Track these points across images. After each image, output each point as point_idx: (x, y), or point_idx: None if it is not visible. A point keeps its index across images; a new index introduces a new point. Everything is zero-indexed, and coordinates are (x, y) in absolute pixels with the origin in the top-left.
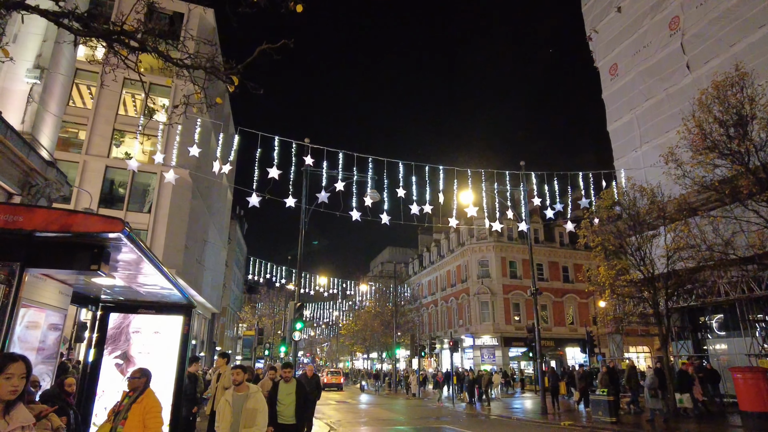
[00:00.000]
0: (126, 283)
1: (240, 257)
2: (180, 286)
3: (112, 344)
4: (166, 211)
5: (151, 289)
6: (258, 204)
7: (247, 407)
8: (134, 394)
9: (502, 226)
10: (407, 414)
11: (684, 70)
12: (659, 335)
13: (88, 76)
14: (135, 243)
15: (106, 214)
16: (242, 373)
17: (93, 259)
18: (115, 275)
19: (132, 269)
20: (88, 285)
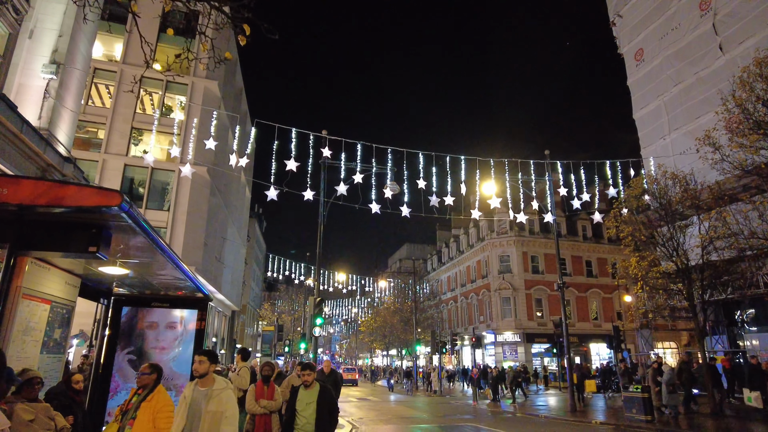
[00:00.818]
0: (135, 273)
1: (259, 255)
2: (193, 276)
3: (125, 339)
4: (185, 208)
5: (163, 279)
6: (276, 197)
7: (208, 409)
8: (144, 391)
9: (527, 218)
10: (430, 411)
11: (716, 51)
12: (695, 330)
13: (107, 75)
14: (136, 220)
15: (103, 186)
16: (206, 362)
17: (91, 240)
18: (120, 262)
19: (140, 255)
20: (98, 277)
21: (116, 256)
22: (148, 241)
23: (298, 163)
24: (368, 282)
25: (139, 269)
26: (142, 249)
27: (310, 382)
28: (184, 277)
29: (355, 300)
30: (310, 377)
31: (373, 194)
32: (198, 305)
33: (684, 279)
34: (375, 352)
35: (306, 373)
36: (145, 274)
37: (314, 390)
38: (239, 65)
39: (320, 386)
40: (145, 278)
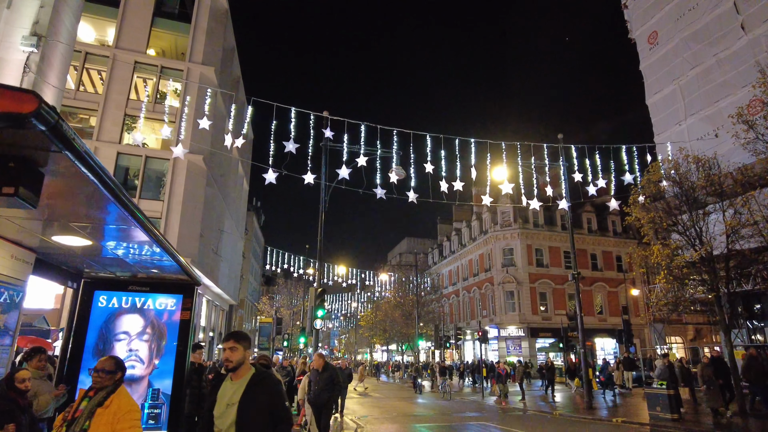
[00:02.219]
0: (98, 245)
1: (257, 249)
2: (172, 250)
3: (99, 328)
4: (180, 198)
5: (142, 257)
6: (274, 180)
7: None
8: (99, 393)
9: (539, 205)
10: (437, 408)
11: (737, 31)
12: (720, 323)
13: (99, 61)
14: (68, 142)
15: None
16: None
17: (8, 177)
18: (76, 227)
19: (96, 214)
20: (59, 251)
21: (68, 219)
22: (96, 185)
23: (297, 144)
24: (368, 276)
25: (103, 238)
26: (95, 202)
27: (234, 364)
28: (162, 253)
29: (355, 294)
30: (235, 354)
31: (377, 179)
32: (183, 290)
33: (710, 268)
34: (375, 347)
35: (229, 345)
36: (115, 249)
37: (241, 382)
38: (236, 53)
39: (254, 375)
40: (118, 257)
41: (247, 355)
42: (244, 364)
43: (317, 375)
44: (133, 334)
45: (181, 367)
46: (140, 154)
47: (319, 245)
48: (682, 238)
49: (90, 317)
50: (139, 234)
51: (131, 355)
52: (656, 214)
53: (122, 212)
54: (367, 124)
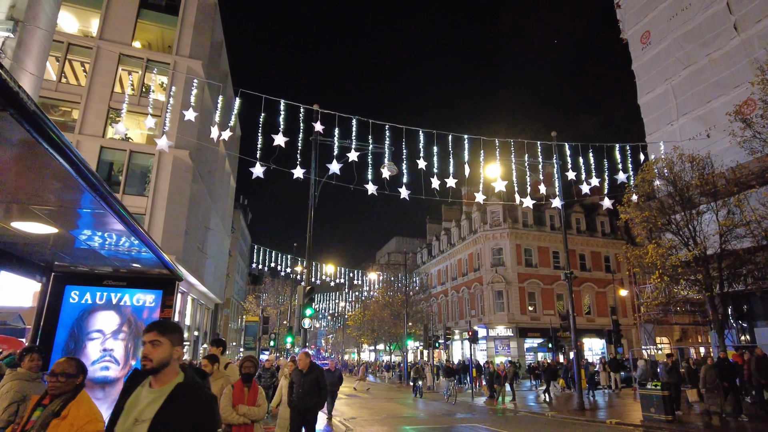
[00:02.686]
0: (63, 230)
1: (244, 247)
2: (153, 245)
3: (70, 326)
4: (165, 194)
5: (119, 249)
6: (262, 174)
7: None
8: (54, 401)
9: (533, 202)
10: (426, 410)
11: (730, 32)
12: (714, 323)
13: (82, 52)
14: (12, 99)
15: None
16: None
17: None
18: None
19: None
20: (30, 243)
21: (29, 201)
22: (53, 155)
23: (287, 138)
24: (357, 275)
25: (72, 226)
26: (56, 180)
27: (155, 365)
28: (140, 245)
29: (343, 294)
30: (157, 351)
31: (369, 175)
32: (163, 286)
33: (704, 268)
34: (362, 347)
35: (150, 338)
36: (88, 239)
37: (161, 392)
38: (225, 48)
39: (178, 386)
40: (91, 248)
41: (176, 355)
42: (169, 365)
43: (302, 377)
44: (108, 333)
45: None
46: (124, 149)
47: (308, 242)
48: (675, 238)
49: (60, 314)
50: (113, 222)
51: (105, 355)
52: (651, 213)
53: (91, 194)
54: (358, 118)
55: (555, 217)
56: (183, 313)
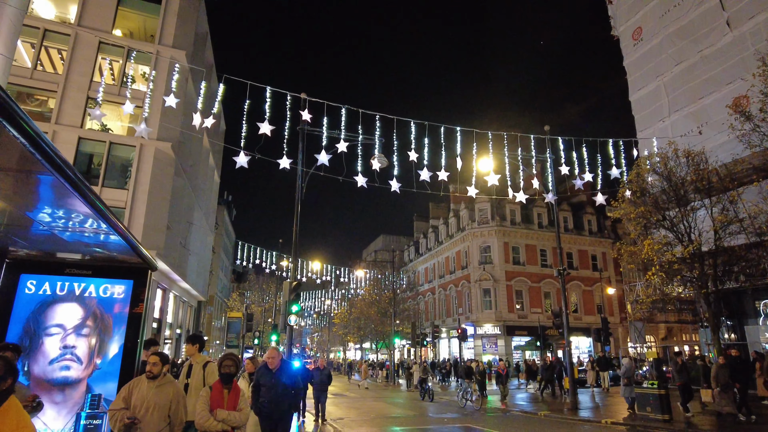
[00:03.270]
0: (14, 209)
1: (228, 245)
2: (122, 229)
3: (25, 320)
4: (146, 187)
5: (84, 233)
6: (246, 164)
7: None
8: None
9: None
10: (416, 410)
11: (723, 28)
12: (708, 320)
13: (59, 39)
14: None
15: None
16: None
17: None
18: None
19: (7, 162)
20: None
21: None
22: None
23: (273, 126)
24: (343, 272)
25: (26, 204)
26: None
27: None
28: (108, 229)
29: (329, 292)
30: None
31: (359, 166)
32: (134, 275)
33: (700, 265)
34: (348, 346)
35: None
36: (50, 222)
37: None
38: (210, 39)
39: None
40: (52, 231)
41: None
42: None
43: (271, 377)
44: (70, 328)
45: (129, 368)
46: (104, 140)
47: (295, 235)
48: (669, 234)
49: (13, 307)
50: (75, 202)
51: (66, 353)
52: (646, 208)
53: (47, 167)
54: (348, 107)
55: (543, 215)
56: (165, 311)
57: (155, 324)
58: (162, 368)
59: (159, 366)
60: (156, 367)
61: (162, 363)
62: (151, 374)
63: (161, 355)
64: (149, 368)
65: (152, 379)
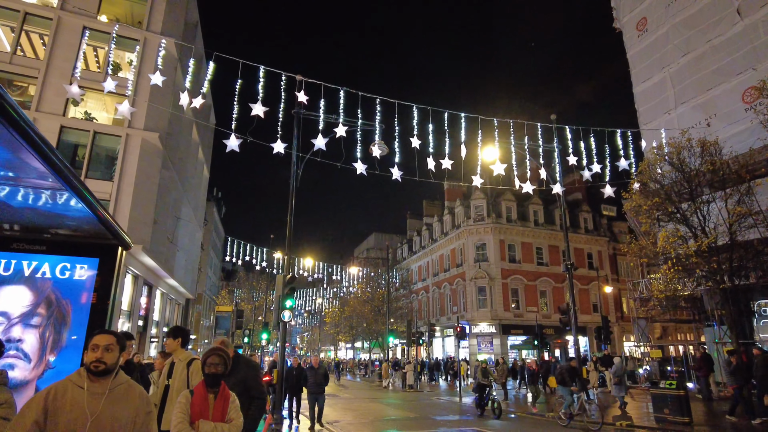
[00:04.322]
0: None
1: (217, 242)
2: (84, 193)
3: None
4: (133, 179)
5: (39, 196)
6: (237, 148)
7: None
8: None
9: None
10: (416, 411)
11: (733, 16)
12: (726, 318)
13: (41, 23)
14: None
15: None
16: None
17: None
18: None
19: None
20: None
21: None
22: None
23: (266, 108)
24: (335, 270)
25: None
26: None
27: None
28: (66, 192)
29: (320, 290)
30: None
31: (358, 153)
32: (101, 253)
33: (718, 258)
34: (339, 345)
35: None
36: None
37: None
38: (200, 29)
39: None
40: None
41: None
42: None
43: None
44: (15, 316)
45: None
46: (88, 129)
47: (289, 225)
48: (680, 227)
49: None
50: (20, 152)
51: (9, 348)
52: (660, 199)
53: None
54: (347, 89)
55: (539, 212)
56: (151, 308)
57: (141, 322)
58: (118, 357)
59: (114, 352)
60: (109, 354)
61: (119, 347)
62: (99, 367)
63: (116, 334)
64: (96, 355)
65: (99, 377)
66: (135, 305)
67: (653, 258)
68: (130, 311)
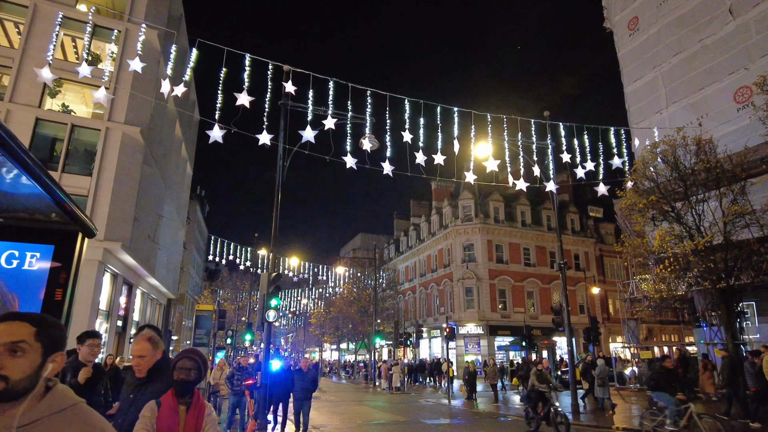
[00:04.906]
0: None
1: (200, 241)
2: (33, 167)
3: None
4: (112, 175)
5: None
6: (221, 139)
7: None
8: None
9: (524, 186)
10: (404, 414)
11: (725, 16)
12: (722, 318)
13: (16, 11)
14: None
15: None
16: None
17: None
18: None
19: None
20: None
21: None
22: None
23: (252, 98)
24: (321, 270)
25: None
26: None
27: None
28: (12, 165)
29: (305, 290)
30: None
31: (347, 146)
32: (56, 239)
33: (716, 257)
34: (324, 346)
35: None
36: None
37: None
38: (185, 23)
39: None
40: None
41: None
42: None
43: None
44: None
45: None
46: (65, 122)
47: (275, 221)
48: (675, 226)
49: None
50: None
51: None
52: (656, 197)
53: None
54: (336, 80)
55: (526, 213)
56: (131, 308)
57: (120, 322)
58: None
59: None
60: (13, 361)
61: (40, 346)
62: None
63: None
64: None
65: None
66: (114, 305)
67: (648, 257)
68: (109, 311)
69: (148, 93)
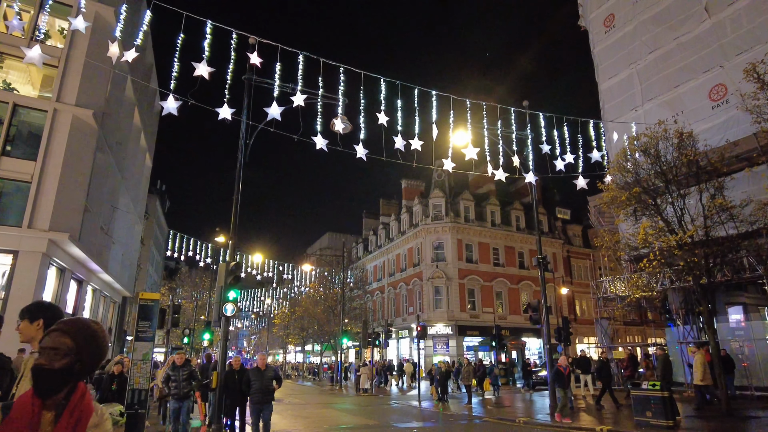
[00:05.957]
0: None
1: (160, 237)
2: None
3: None
4: (60, 160)
5: None
6: (176, 111)
7: None
8: None
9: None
10: (373, 417)
11: (701, 14)
12: (703, 314)
13: None
14: None
15: None
16: None
17: None
18: None
19: None
20: None
21: None
22: None
23: (212, 69)
24: (286, 269)
25: None
26: None
27: None
28: None
29: (270, 290)
30: None
31: (318, 126)
32: None
33: (700, 252)
34: (288, 348)
35: None
36: None
37: None
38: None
39: None
40: None
41: None
42: None
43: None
44: None
45: None
46: (6, 101)
47: (235, 203)
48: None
49: None
50: None
51: None
52: (639, 190)
53: None
54: (306, 54)
55: (496, 213)
56: (80, 306)
57: None
58: None
59: None
60: None
61: None
62: None
63: None
64: None
65: None
66: (60, 302)
67: (628, 252)
68: None
69: (103, 75)
